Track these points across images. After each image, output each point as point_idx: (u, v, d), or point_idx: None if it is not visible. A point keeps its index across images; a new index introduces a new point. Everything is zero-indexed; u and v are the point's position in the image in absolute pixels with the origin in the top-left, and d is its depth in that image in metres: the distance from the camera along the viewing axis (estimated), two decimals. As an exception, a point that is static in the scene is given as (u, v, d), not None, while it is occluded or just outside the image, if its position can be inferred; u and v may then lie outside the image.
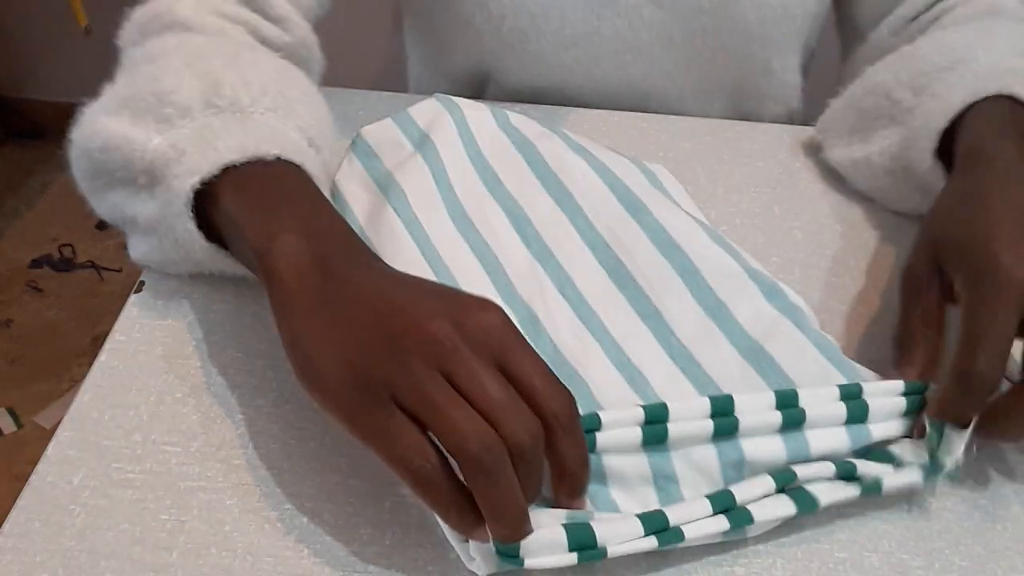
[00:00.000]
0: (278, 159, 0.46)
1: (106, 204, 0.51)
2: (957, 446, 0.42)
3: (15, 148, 2.02)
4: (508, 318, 0.39)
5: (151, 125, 0.47)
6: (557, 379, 0.39)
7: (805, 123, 0.69)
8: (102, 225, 1.81)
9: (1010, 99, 0.51)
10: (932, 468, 0.43)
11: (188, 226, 0.46)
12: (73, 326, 1.67)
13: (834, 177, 0.64)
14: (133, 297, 0.52)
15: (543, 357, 0.39)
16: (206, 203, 0.46)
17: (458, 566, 0.40)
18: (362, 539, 0.42)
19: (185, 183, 0.45)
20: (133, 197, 0.49)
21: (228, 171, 0.45)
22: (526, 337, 0.39)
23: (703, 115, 0.71)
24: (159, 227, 0.48)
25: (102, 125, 0.48)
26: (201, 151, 0.45)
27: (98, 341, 0.85)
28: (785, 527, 0.43)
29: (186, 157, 0.45)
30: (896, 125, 0.58)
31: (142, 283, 0.53)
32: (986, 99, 0.52)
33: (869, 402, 0.44)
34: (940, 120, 0.53)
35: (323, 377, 0.38)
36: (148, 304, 0.52)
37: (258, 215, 0.44)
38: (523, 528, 0.37)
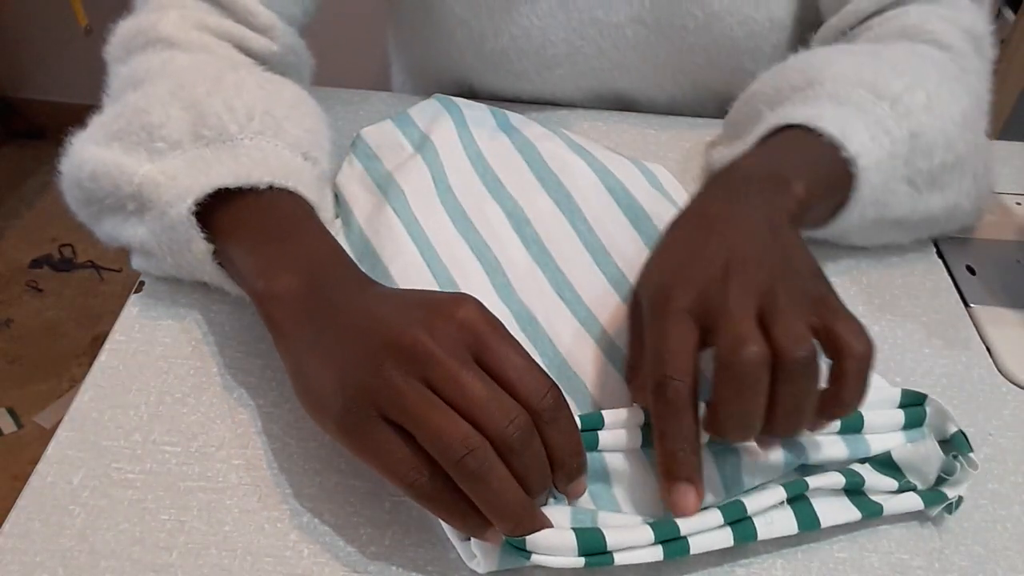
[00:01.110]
0: (271, 187, 0.47)
1: (102, 231, 0.52)
2: (962, 478, 0.43)
3: (15, 148, 2.03)
4: (484, 311, 0.39)
5: (143, 155, 0.48)
6: (537, 368, 0.39)
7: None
8: (102, 225, 1.81)
9: (811, 131, 0.50)
10: (934, 497, 0.43)
11: (201, 247, 0.46)
12: (73, 326, 1.67)
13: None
14: (133, 297, 0.52)
15: (542, 357, 0.39)
16: (206, 230, 0.46)
17: (458, 566, 0.40)
18: (362, 539, 0.42)
19: (181, 208, 0.45)
20: (124, 223, 0.49)
21: (223, 202, 0.46)
22: (525, 336, 0.39)
23: (695, 117, 0.71)
24: (156, 252, 0.49)
25: (91, 154, 0.49)
26: (192, 177, 0.46)
27: (98, 341, 0.85)
28: (785, 527, 0.43)
29: (177, 182, 0.46)
30: (749, 136, 0.56)
31: (142, 283, 0.53)
32: (792, 127, 0.51)
33: (864, 414, 0.44)
34: (752, 141, 0.53)
35: (320, 403, 0.39)
36: (148, 304, 0.52)
37: (253, 255, 0.45)
38: (528, 520, 0.37)
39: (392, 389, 0.36)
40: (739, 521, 0.40)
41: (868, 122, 0.50)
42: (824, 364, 0.39)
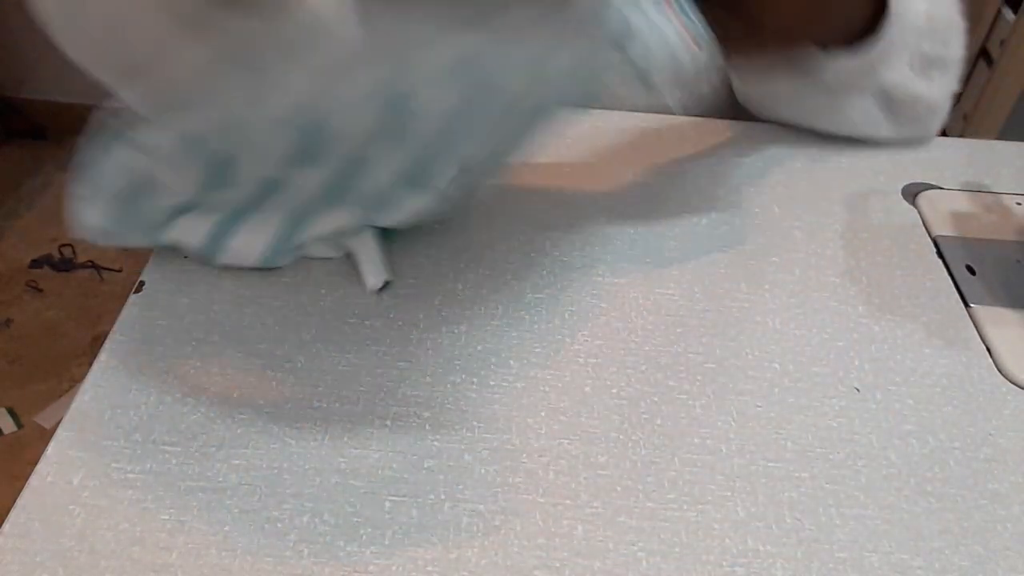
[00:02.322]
0: None
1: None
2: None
3: (15, 148, 2.03)
4: None
5: None
6: None
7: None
8: (102, 225, 1.81)
9: None
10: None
11: None
12: (73, 326, 1.67)
13: (834, 176, 0.64)
14: (133, 297, 0.52)
15: None
16: None
17: (458, 566, 0.40)
18: (362, 539, 0.42)
19: None
20: None
21: None
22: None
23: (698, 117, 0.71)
24: None
25: None
26: None
27: (98, 341, 0.85)
28: (784, 527, 0.43)
29: None
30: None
31: (142, 283, 0.53)
32: None
33: None
34: None
35: None
36: (148, 304, 0.52)
37: None
38: None
39: None
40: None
41: None
42: None
